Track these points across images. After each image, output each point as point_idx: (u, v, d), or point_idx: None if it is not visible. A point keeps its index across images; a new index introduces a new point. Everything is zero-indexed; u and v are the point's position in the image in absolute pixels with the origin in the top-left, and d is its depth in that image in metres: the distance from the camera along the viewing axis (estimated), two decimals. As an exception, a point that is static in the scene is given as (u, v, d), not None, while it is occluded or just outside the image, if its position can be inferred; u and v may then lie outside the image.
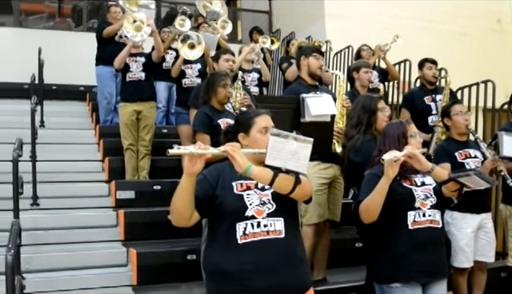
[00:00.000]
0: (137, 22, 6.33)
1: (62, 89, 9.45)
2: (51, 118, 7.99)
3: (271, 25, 12.23)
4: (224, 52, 5.45)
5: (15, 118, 7.84)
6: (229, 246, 2.67)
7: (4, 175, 5.93)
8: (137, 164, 6.36)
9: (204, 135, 4.50)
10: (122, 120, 6.40)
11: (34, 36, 10.29)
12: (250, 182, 2.72)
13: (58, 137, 7.37)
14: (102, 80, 7.60)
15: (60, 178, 6.31)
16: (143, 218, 5.46)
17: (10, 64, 9.77)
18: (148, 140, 6.41)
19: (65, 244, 5.26)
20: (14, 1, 11.60)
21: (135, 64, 6.47)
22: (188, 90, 6.17)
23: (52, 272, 4.76)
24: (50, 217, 5.49)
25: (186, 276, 4.85)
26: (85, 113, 8.83)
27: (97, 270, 4.89)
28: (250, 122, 2.82)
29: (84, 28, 11.56)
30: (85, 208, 5.86)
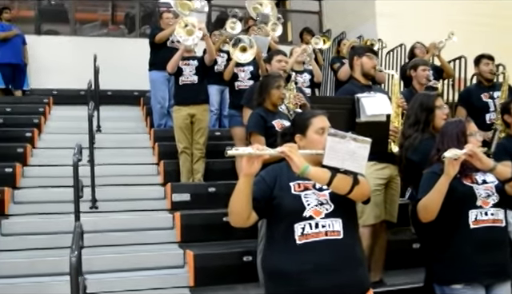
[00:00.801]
0: (188, 26, 6.40)
1: (117, 94, 9.70)
2: (107, 123, 8.19)
3: (321, 25, 12.17)
4: (276, 53, 5.45)
5: (73, 124, 8.09)
6: (287, 247, 2.67)
7: (64, 179, 6.16)
8: (191, 167, 6.43)
9: (259, 136, 4.50)
10: (177, 123, 6.48)
11: (89, 43, 10.59)
12: (308, 183, 2.71)
13: (114, 142, 7.56)
14: (156, 84, 7.73)
15: (117, 181, 6.46)
16: (199, 220, 5.51)
17: (68, 71, 10.09)
18: (202, 143, 6.47)
19: (123, 246, 5.37)
20: (70, 11, 11.95)
21: (188, 67, 6.54)
22: (241, 93, 6.20)
23: (111, 273, 4.86)
24: (108, 220, 5.61)
25: (241, 277, 4.87)
26: (139, 118, 9.01)
27: (154, 271, 4.96)
28: (307, 123, 2.81)
29: (137, 34, 11.79)
30: (141, 210, 5.97)
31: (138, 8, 12.07)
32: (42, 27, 11.80)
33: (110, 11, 13.69)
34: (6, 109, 8.42)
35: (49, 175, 6.50)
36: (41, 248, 5.19)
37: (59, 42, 11.01)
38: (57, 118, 8.70)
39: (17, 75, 9.62)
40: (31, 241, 5.26)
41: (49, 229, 5.40)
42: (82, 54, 9.87)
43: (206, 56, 6.59)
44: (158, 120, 7.72)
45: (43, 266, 4.87)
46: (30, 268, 4.87)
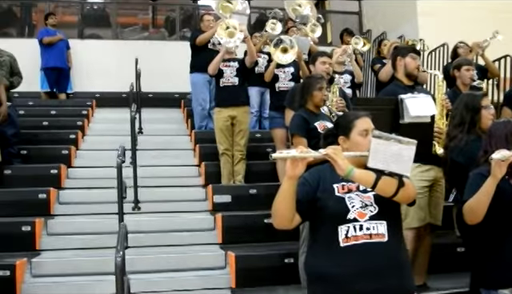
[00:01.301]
0: (230, 28, 6.42)
1: (158, 96, 9.82)
2: (148, 125, 8.29)
3: (361, 26, 12.07)
4: (321, 54, 5.41)
5: (116, 126, 8.22)
6: (331, 249, 2.64)
7: (107, 180, 6.25)
8: (232, 168, 6.45)
9: (301, 138, 4.48)
10: (217, 125, 6.51)
11: (131, 47, 10.77)
12: (352, 185, 2.69)
13: (155, 143, 7.65)
14: (197, 87, 7.77)
15: (158, 183, 6.52)
16: (240, 222, 5.52)
17: (109, 74, 10.28)
18: (243, 144, 6.48)
19: (164, 247, 5.42)
20: (112, 15, 12.15)
21: (229, 69, 6.56)
22: (281, 94, 6.19)
23: (152, 274, 4.91)
24: (150, 221, 5.68)
25: (283, 279, 4.85)
26: (180, 120, 9.09)
27: (196, 272, 5.00)
28: (351, 125, 2.79)
29: (177, 37, 11.90)
30: (183, 211, 6.03)
31: (178, 11, 12.19)
32: (84, 32, 12.03)
33: (151, 15, 13.87)
34: (51, 112, 8.61)
35: (92, 176, 6.63)
36: (85, 247, 5.30)
37: (101, 46, 11.24)
38: (99, 120, 8.87)
39: (61, 79, 9.83)
40: (75, 241, 5.36)
41: (92, 229, 5.50)
42: (124, 57, 10.06)
43: (247, 57, 6.61)
44: (199, 122, 7.77)
45: (87, 265, 4.96)
46: (75, 267, 4.96)
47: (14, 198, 5.75)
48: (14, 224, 5.18)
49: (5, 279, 4.43)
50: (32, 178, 6.27)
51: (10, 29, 12.16)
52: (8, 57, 6.86)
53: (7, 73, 6.79)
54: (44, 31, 9.84)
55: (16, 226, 5.15)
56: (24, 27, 12.32)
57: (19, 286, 4.54)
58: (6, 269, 4.45)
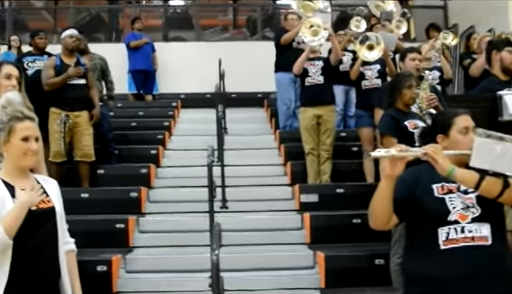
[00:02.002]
0: (314, 27, 6.39)
1: (241, 96, 9.90)
2: (233, 125, 8.37)
3: (447, 20, 11.70)
4: (410, 50, 5.27)
5: (201, 126, 8.38)
6: (430, 252, 2.56)
7: (194, 179, 6.38)
8: (318, 168, 6.40)
9: (391, 138, 4.37)
10: (303, 124, 6.49)
11: (213, 48, 10.92)
12: (452, 185, 2.59)
13: (240, 143, 7.73)
14: (281, 86, 7.77)
15: (245, 182, 6.58)
16: (328, 221, 5.49)
17: (193, 76, 10.47)
18: (329, 144, 6.42)
19: (252, 246, 5.46)
20: (195, 18, 12.39)
21: (314, 68, 6.52)
22: (368, 92, 6.10)
23: (241, 272, 4.96)
24: (238, 220, 5.73)
25: (372, 280, 4.78)
26: (264, 119, 9.13)
27: (284, 272, 5.00)
28: (450, 122, 2.69)
29: (259, 37, 11.97)
30: (269, 211, 6.04)
31: (260, 11, 12.26)
32: (168, 34, 12.35)
33: (232, 16, 14.04)
34: (139, 113, 8.87)
35: (180, 175, 6.77)
36: (175, 245, 5.42)
37: (185, 48, 11.47)
38: (185, 121, 9.05)
39: (147, 81, 10.12)
40: (166, 239, 5.50)
41: (182, 227, 5.62)
42: (206, 59, 10.24)
43: (332, 56, 6.54)
44: (284, 121, 7.76)
45: (178, 263, 5.10)
46: (166, 264, 5.10)
47: (107, 197, 5.98)
48: (109, 222, 5.39)
49: (102, 273, 4.62)
50: (123, 177, 6.49)
51: (98, 35, 12.66)
52: (99, 61, 7.10)
53: (99, 76, 7.04)
54: (131, 35, 10.17)
55: (110, 224, 5.35)
56: (112, 32, 12.80)
57: (115, 281, 4.71)
58: (103, 264, 4.63)
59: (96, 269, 4.58)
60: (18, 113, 2.65)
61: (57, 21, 13.73)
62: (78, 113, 6.12)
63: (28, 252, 2.51)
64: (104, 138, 6.85)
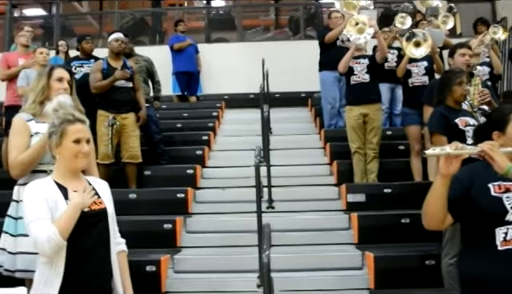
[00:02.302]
0: (359, 24, 6.30)
1: (285, 96, 9.86)
2: (277, 125, 8.34)
3: (495, 14, 11.39)
4: (460, 46, 5.14)
5: (245, 126, 8.40)
6: (487, 252, 2.49)
7: (240, 180, 6.39)
8: (365, 167, 6.32)
9: (441, 137, 4.27)
10: (349, 123, 6.41)
11: (256, 48, 10.92)
12: (510, 184, 2.51)
13: (285, 143, 7.68)
14: (326, 85, 7.71)
15: (290, 182, 6.53)
16: (376, 221, 5.39)
17: (237, 76, 10.50)
18: (375, 142, 6.32)
19: (299, 246, 5.41)
20: (237, 18, 12.42)
21: (359, 66, 6.43)
22: (415, 90, 5.99)
23: (288, 272, 4.91)
24: (284, 220, 5.69)
25: (423, 281, 4.66)
26: (308, 119, 9.08)
27: (331, 272, 4.94)
28: (507, 119, 2.61)
29: (301, 36, 11.91)
30: (315, 210, 5.98)
31: (302, 10, 12.20)
32: (211, 36, 12.41)
33: (274, 15, 14.03)
34: (183, 114, 8.94)
35: (225, 176, 6.77)
36: (222, 245, 5.42)
37: (227, 49, 11.50)
38: (229, 121, 9.08)
39: (191, 82, 10.17)
40: (213, 239, 5.51)
41: (229, 228, 5.61)
42: (250, 59, 10.25)
43: (378, 53, 6.44)
44: (329, 120, 7.70)
45: (226, 263, 5.09)
46: (214, 264, 5.11)
47: (154, 197, 6.04)
48: (157, 223, 5.42)
49: (151, 273, 4.65)
50: (169, 178, 6.54)
51: (142, 38, 12.83)
52: (144, 63, 7.17)
53: (145, 78, 7.11)
54: (174, 37, 10.25)
55: (158, 224, 5.39)
56: (155, 35, 12.94)
57: (164, 281, 4.74)
58: (152, 265, 4.67)
59: (145, 269, 4.61)
60: (69, 116, 2.69)
61: (102, 26, 14.00)
62: (125, 115, 6.21)
63: (81, 254, 2.54)
64: (152, 140, 6.92)
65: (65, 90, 3.37)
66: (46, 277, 2.52)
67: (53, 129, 2.67)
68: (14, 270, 3.12)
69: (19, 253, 3.10)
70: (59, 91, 3.33)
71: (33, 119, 3.30)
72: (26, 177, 3.22)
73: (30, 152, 3.16)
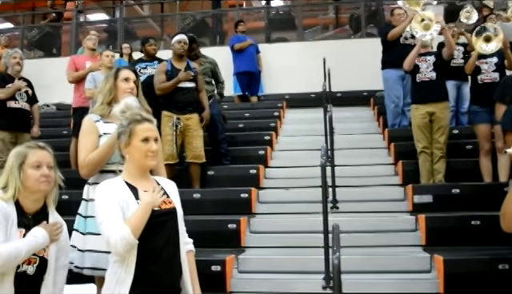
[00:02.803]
0: (425, 21, 6.15)
1: (346, 95, 9.73)
2: (339, 124, 8.20)
3: None
4: (536, 40, 4.94)
5: (306, 126, 8.38)
6: None
7: (303, 180, 6.36)
8: (431, 167, 6.14)
9: (516, 134, 4.11)
10: (415, 122, 6.26)
11: (316, 47, 10.86)
12: None
13: (347, 142, 7.58)
14: (389, 83, 7.56)
15: (354, 182, 6.43)
16: (444, 223, 5.23)
17: (297, 76, 10.45)
18: (442, 142, 6.14)
19: (365, 248, 5.30)
20: (298, 18, 12.37)
21: (425, 64, 6.27)
22: (485, 87, 5.80)
23: (354, 274, 4.81)
24: (349, 220, 5.58)
25: (494, 286, 4.48)
26: (370, 118, 8.93)
27: (398, 275, 4.82)
28: None
29: (362, 34, 11.74)
30: (381, 211, 5.86)
31: (363, 8, 12.02)
32: (271, 35, 12.40)
33: (334, 14, 13.90)
34: (245, 115, 8.96)
35: (288, 176, 6.74)
36: (286, 246, 5.38)
37: (288, 49, 11.45)
38: (291, 121, 9.03)
39: (252, 82, 10.18)
40: (277, 239, 5.48)
41: (293, 228, 5.58)
42: (310, 58, 10.19)
43: (445, 50, 6.25)
44: (392, 119, 7.54)
45: (290, 264, 5.06)
46: (278, 265, 5.08)
47: (218, 197, 6.06)
48: (221, 222, 5.45)
49: (216, 273, 4.66)
50: (232, 178, 6.56)
51: (203, 39, 12.93)
52: (209, 65, 7.19)
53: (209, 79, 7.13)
54: (234, 38, 10.30)
55: (223, 224, 5.40)
56: (216, 36, 13.03)
57: (228, 281, 4.75)
58: (217, 265, 4.68)
59: (210, 269, 4.63)
60: (137, 116, 2.72)
61: (163, 28, 14.23)
62: (189, 115, 6.27)
63: (151, 253, 2.56)
64: (216, 139, 6.96)
65: (131, 90, 3.42)
66: (117, 276, 2.54)
67: (121, 129, 2.71)
68: (82, 267, 3.18)
69: (87, 251, 3.16)
70: (126, 91, 3.38)
71: (101, 120, 3.36)
72: (95, 177, 3.28)
73: (97, 153, 3.21)
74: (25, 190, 2.61)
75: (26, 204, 2.63)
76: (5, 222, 2.50)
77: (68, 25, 13.45)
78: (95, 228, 3.07)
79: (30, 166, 2.62)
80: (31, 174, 2.61)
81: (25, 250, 2.49)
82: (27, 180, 2.60)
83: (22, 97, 6.78)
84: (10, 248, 2.45)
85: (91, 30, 10.27)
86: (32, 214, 2.66)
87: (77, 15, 13.50)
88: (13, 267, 2.48)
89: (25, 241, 2.52)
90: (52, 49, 13.95)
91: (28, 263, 2.56)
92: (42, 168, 2.63)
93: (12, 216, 2.55)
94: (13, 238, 2.51)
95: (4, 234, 2.48)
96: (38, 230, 2.59)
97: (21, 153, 2.64)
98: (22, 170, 2.60)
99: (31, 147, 2.68)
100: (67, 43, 13.40)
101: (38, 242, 2.56)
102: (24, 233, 2.56)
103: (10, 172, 2.61)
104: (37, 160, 2.64)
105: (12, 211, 2.56)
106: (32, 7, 17.41)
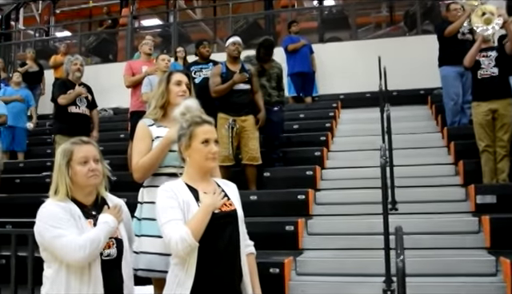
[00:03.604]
0: (486, 15, 5.95)
1: (402, 94, 9.54)
2: (396, 124, 8.01)
3: None
4: None
5: (362, 126, 8.31)
6: None
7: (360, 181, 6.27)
8: (495, 166, 5.94)
9: None
10: (477, 120, 6.07)
11: (370, 46, 10.69)
12: None
13: (405, 142, 7.41)
14: (447, 81, 7.36)
15: (413, 183, 6.29)
16: (509, 224, 5.03)
17: (351, 75, 10.32)
18: (506, 140, 5.93)
19: (425, 250, 5.16)
20: (351, 17, 12.23)
21: (486, 60, 6.08)
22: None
23: (415, 277, 4.66)
24: (408, 222, 5.42)
25: None
26: (428, 116, 8.72)
27: (462, 278, 4.67)
28: None
29: (418, 31, 11.49)
30: (441, 213, 5.71)
31: (418, 4, 11.77)
32: (324, 35, 12.30)
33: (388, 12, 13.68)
34: (300, 115, 8.91)
35: (345, 177, 6.67)
36: (345, 248, 5.32)
37: (341, 48, 11.33)
38: (346, 121, 8.94)
39: (306, 83, 10.13)
40: (335, 241, 5.43)
41: (351, 230, 5.53)
42: (364, 57, 10.07)
43: (507, 44, 6.02)
44: (452, 117, 7.34)
45: (349, 266, 4.98)
46: (337, 267, 5.01)
47: (275, 199, 6.05)
48: (279, 224, 5.42)
49: (274, 276, 4.64)
50: (289, 180, 6.53)
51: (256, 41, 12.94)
52: (277, 70, 7.15)
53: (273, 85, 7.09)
54: (288, 39, 10.25)
55: (280, 226, 5.38)
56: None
57: (287, 283, 4.71)
58: (276, 267, 4.65)
59: (269, 271, 4.60)
60: (197, 118, 2.72)
61: (216, 32, 14.34)
62: (245, 117, 6.29)
63: (212, 255, 2.55)
64: (272, 144, 6.94)
65: (183, 93, 3.42)
66: (178, 278, 2.55)
67: (181, 131, 2.71)
68: (137, 269, 3.21)
69: (142, 253, 3.18)
70: (178, 94, 3.39)
71: (154, 124, 3.38)
72: (149, 180, 3.30)
73: (150, 156, 3.23)
74: (75, 186, 2.65)
75: (81, 198, 2.67)
76: (72, 218, 2.56)
77: (123, 31, 13.72)
78: (149, 230, 3.12)
79: (77, 162, 2.64)
80: (79, 170, 2.64)
81: (103, 236, 2.55)
82: (76, 176, 2.64)
83: (83, 102, 6.95)
84: (91, 237, 2.52)
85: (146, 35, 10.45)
86: (91, 205, 2.71)
87: (132, 21, 13.75)
88: (97, 254, 2.54)
89: (99, 228, 2.58)
90: (108, 55, 14.29)
91: (108, 247, 2.62)
92: (89, 163, 2.65)
93: (76, 212, 2.60)
94: (86, 230, 2.57)
95: (77, 228, 2.54)
96: (105, 216, 2.65)
97: (67, 151, 2.67)
98: (70, 167, 2.63)
99: (76, 143, 2.70)
100: (123, 49, 13.68)
101: (111, 226, 2.62)
102: (94, 223, 2.62)
103: (59, 171, 2.65)
104: (83, 155, 2.66)
105: (73, 207, 2.61)
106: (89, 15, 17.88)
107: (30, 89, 10.80)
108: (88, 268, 2.53)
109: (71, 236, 2.48)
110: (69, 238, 2.47)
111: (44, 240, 2.54)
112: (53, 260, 2.56)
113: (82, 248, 2.46)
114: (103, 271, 2.57)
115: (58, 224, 2.51)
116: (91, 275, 2.54)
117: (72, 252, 2.46)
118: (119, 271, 2.66)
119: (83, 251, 2.46)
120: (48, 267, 2.60)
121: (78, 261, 2.48)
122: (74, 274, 2.52)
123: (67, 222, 2.53)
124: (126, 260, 2.71)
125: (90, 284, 2.53)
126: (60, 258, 2.51)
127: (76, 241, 2.47)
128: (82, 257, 2.48)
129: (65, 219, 2.53)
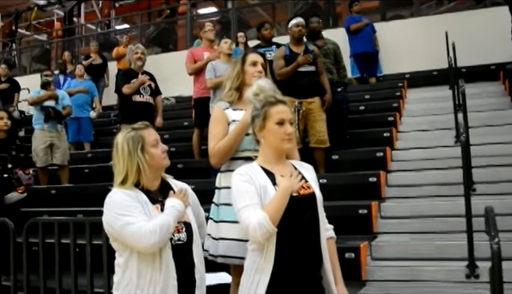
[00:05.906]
0: None
1: (471, 70, 9.11)
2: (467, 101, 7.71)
3: None
4: None
5: (429, 105, 8.03)
6: None
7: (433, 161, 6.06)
8: None
9: None
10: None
11: (435, 22, 10.29)
12: None
13: (478, 120, 7.03)
14: (525, 53, 6.98)
15: (488, 162, 5.99)
16: None
17: (416, 53, 10.00)
18: None
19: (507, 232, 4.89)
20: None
21: None
22: None
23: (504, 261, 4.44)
24: (487, 203, 5.17)
25: None
26: (501, 93, 8.29)
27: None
28: None
29: (487, 3, 10.95)
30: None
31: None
32: (387, 14, 11.94)
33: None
34: (365, 97, 8.67)
35: (416, 158, 6.42)
36: (419, 232, 5.12)
37: (405, 26, 10.97)
38: (413, 101, 8.63)
39: (370, 63, 9.87)
40: (410, 224, 5.23)
41: (426, 213, 5.30)
42: (429, 34, 9.76)
43: None
44: (528, 93, 6.96)
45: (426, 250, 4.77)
46: (412, 251, 4.81)
47: (345, 182, 5.87)
48: (352, 208, 5.25)
49: (350, 261, 4.49)
50: (358, 162, 6.35)
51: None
52: (332, 46, 6.98)
53: (332, 61, 6.92)
54: (350, 19, 10.00)
55: (353, 209, 5.22)
56: (328, 18, 12.74)
57: (364, 268, 4.56)
58: (351, 252, 4.50)
59: (344, 256, 4.45)
60: (270, 98, 2.63)
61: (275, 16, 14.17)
62: (311, 99, 6.15)
63: (291, 240, 2.45)
64: (339, 126, 6.77)
65: (259, 74, 3.32)
66: (256, 264, 2.47)
67: (255, 112, 2.62)
68: (216, 255, 3.14)
69: (220, 239, 3.12)
70: (254, 75, 3.29)
71: (230, 107, 3.29)
72: (227, 164, 3.23)
73: (226, 140, 3.15)
74: (149, 170, 2.59)
75: (148, 184, 2.62)
76: (140, 205, 2.52)
77: (182, 20, 13.77)
78: (227, 215, 3.04)
79: (151, 145, 2.61)
80: (155, 153, 2.61)
81: (172, 220, 2.51)
82: (153, 160, 2.60)
83: (146, 90, 6.98)
84: (160, 222, 2.47)
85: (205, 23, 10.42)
86: (156, 191, 2.66)
87: (190, 9, 13.77)
88: (167, 239, 2.51)
89: (167, 213, 2.53)
90: (168, 45, 14.38)
91: (177, 231, 2.58)
92: (160, 145, 2.65)
93: (143, 198, 2.57)
94: (153, 215, 2.53)
95: (145, 214, 2.51)
96: (172, 200, 2.60)
97: (136, 137, 2.61)
98: (145, 151, 2.59)
99: (141, 128, 2.66)
100: (182, 37, 13.74)
101: (178, 209, 2.57)
102: (161, 208, 2.58)
103: (129, 158, 2.58)
104: (155, 138, 2.64)
105: (139, 194, 2.57)
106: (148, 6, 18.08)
107: (95, 81, 11.03)
108: (159, 254, 2.49)
109: (140, 223, 2.44)
110: (138, 225, 2.43)
111: (114, 230, 2.51)
112: (123, 249, 2.54)
113: (153, 233, 2.42)
114: (174, 256, 2.53)
115: (126, 212, 2.47)
116: (162, 261, 2.49)
117: (143, 239, 2.42)
118: (190, 255, 2.62)
119: (154, 236, 2.42)
120: (119, 255, 2.58)
121: (149, 247, 2.44)
122: (146, 261, 2.49)
123: (135, 209, 2.49)
124: (196, 244, 2.66)
125: (162, 269, 2.49)
126: (131, 246, 2.48)
127: (146, 227, 2.42)
128: (154, 243, 2.43)
129: (133, 206, 2.49)
